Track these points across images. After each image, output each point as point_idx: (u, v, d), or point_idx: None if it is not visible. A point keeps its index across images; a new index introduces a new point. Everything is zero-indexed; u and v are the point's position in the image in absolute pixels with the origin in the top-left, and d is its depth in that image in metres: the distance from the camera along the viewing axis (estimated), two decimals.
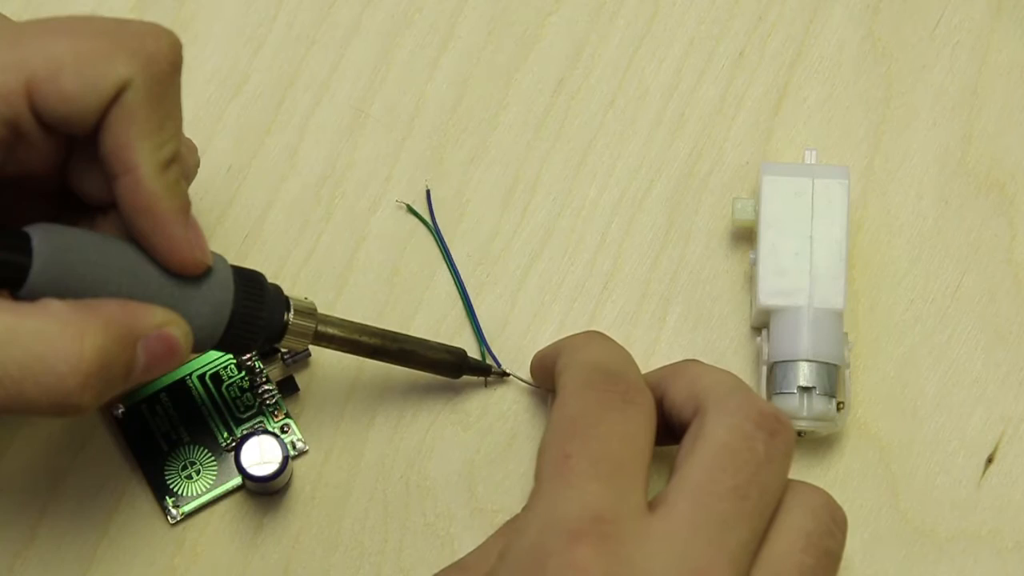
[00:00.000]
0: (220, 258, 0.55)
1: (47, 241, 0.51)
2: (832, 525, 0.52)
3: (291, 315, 0.56)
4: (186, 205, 0.53)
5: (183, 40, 0.52)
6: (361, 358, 0.59)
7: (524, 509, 0.52)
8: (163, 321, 0.52)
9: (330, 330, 0.58)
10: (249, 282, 0.55)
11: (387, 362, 0.59)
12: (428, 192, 0.63)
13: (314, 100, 0.64)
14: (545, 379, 0.59)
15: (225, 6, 0.65)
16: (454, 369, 0.60)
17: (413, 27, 0.65)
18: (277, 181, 0.63)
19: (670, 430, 0.54)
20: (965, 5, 0.65)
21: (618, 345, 0.56)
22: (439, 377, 0.61)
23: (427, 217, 0.63)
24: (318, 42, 0.65)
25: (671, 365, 0.56)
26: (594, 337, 0.57)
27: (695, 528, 0.50)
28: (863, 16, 0.65)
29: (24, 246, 0.50)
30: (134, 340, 0.51)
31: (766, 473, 0.51)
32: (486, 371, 0.61)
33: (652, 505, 0.50)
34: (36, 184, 0.54)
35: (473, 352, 0.61)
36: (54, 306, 0.50)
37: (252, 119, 0.64)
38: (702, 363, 0.56)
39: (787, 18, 0.65)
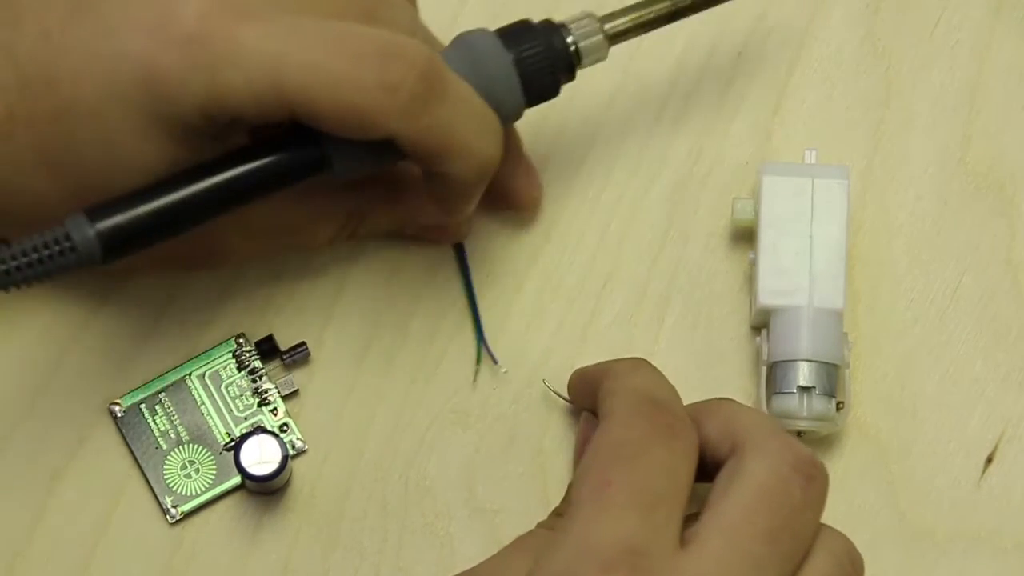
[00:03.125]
0: (479, 32, 0.56)
1: None
2: (851, 569, 0.52)
3: (574, 37, 0.57)
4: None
5: None
6: (358, 358, 0.59)
7: (558, 530, 0.51)
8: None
9: (621, 26, 0.58)
10: (516, 33, 0.57)
11: (689, 16, 0.60)
12: None
13: None
14: (584, 398, 0.58)
15: None
16: None
17: None
18: None
19: (699, 466, 0.53)
20: (965, 5, 0.65)
21: (663, 375, 0.55)
22: (439, 375, 0.61)
23: None
24: None
25: (705, 401, 0.55)
26: (642, 364, 0.56)
27: (726, 567, 0.49)
28: (863, 16, 0.65)
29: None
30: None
31: (800, 519, 0.51)
32: None
33: (684, 540, 0.50)
34: None
35: (470, 349, 0.61)
36: None
37: None
38: (737, 402, 0.55)
39: (787, 18, 0.65)
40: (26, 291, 0.52)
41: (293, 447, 0.60)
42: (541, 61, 0.56)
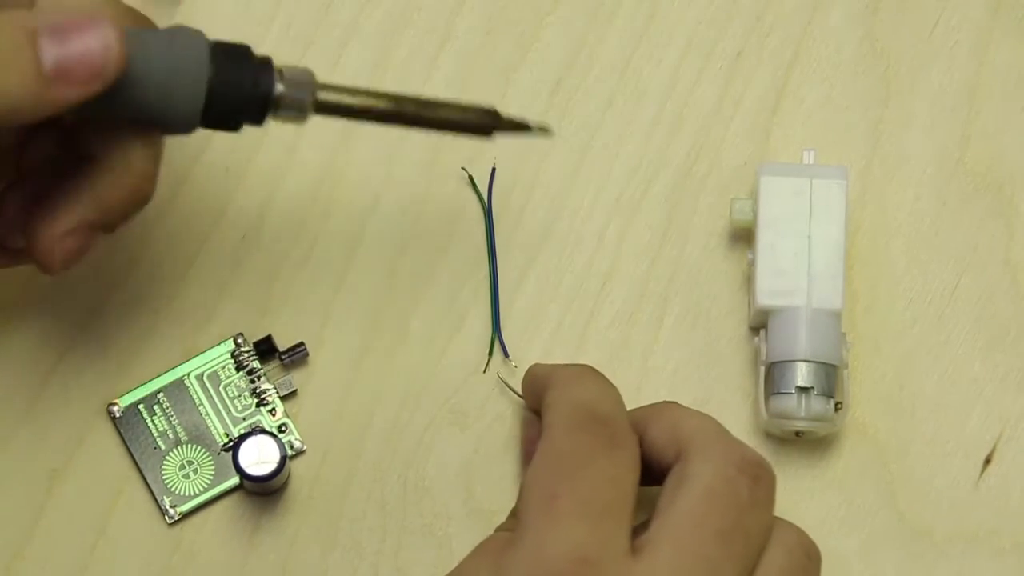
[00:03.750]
0: (194, 31, 0.53)
1: None
2: (807, 562, 0.52)
3: (283, 82, 0.53)
4: None
5: None
6: (357, 358, 0.59)
7: (510, 545, 0.51)
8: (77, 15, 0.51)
9: (333, 97, 0.54)
10: (229, 50, 0.53)
11: (406, 126, 0.55)
12: (494, 170, 0.63)
13: None
14: (533, 400, 0.58)
15: (223, 6, 0.65)
16: (484, 129, 0.56)
17: (411, 27, 0.65)
18: (276, 181, 0.63)
19: (647, 471, 0.53)
20: (963, 6, 0.65)
21: (608, 384, 0.55)
22: (437, 376, 0.61)
23: (484, 192, 0.63)
24: (316, 43, 0.65)
25: (650, 406, 0.56)
26: (585, 374, 0.56)
27: (678, 572, 0.49)
28: (862, 16, 0.65)
29: None
30: (28, 30, 0.50)
31: (749, 518, 0.51)
32: (524, 126, 0.57)
33: (635, 547, 0.50)
34: None
35: (470, 350, 0.61)
36: None
37: None
38: (682, 406, 0.56)
39: (785, 18, 0.65)
40: (26, 292, 0.52)
41: (291, 447, 0.60)
42: (234, 92, 0.53)
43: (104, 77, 0.51)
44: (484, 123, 0.56)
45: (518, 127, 0.57)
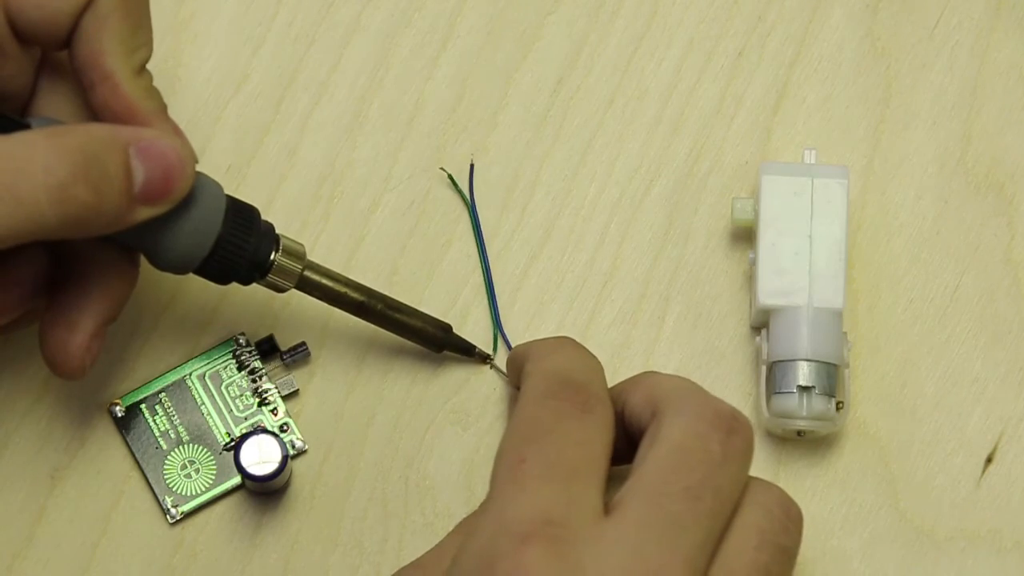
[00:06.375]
0: (215, 184, 0.55)
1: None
2: (787, 521, 0.51)
3: (279, 253, 0.57)
4: (164, 107, 0.54)
5: (183, 39, 0.52)
6: (358, 358, 0.59)
7: (478, 512, 0.51)
8: (157, 135, 0.53)
9: (315, 277, 0.58)
10: (241, 212, 0.56)
11: (370, 321, 0.59)
12: (472, 167, 0.63)
13: (313, 100, 0.64)
14: (515, 378, 0.59)
15: (225, 5, 0.65)
16: (436, 343, 0.60)
17: (412, 26, 0.65)
18: (276, 181, 0.63)
19: (633, 440, 0.53)
20: (964, 5, 0.65)
21: (586, 353, 0.56)
22: (439, 375, 0.61)
23: (466, 190, 0.63)
24: (317, 41, 0.65)
25: (631, 377, 0.56)
26: (563, 344, 0.56)
27: (647, 529, 0.49)
28: (862, 16, 0.65)
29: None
30: (123, 145, 0.52)
31: (721, 473, 0.50)
32: (469, 350, 0.61)
33: (608, 508, 0.50)
34: (7, 107, 0.54)
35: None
36: (34, 131, 0.51)
37: (251, 119, 0.64)
38: (660, 372, 0.56)
39: (786, 18, 0.65)
40: None
41: (293, 447, 0.60)
42: (236, 254, 0.56)
43: (173, 200, 0.53)
44: (437, 337, 0.60)
45: (464, 349, 0.61)
